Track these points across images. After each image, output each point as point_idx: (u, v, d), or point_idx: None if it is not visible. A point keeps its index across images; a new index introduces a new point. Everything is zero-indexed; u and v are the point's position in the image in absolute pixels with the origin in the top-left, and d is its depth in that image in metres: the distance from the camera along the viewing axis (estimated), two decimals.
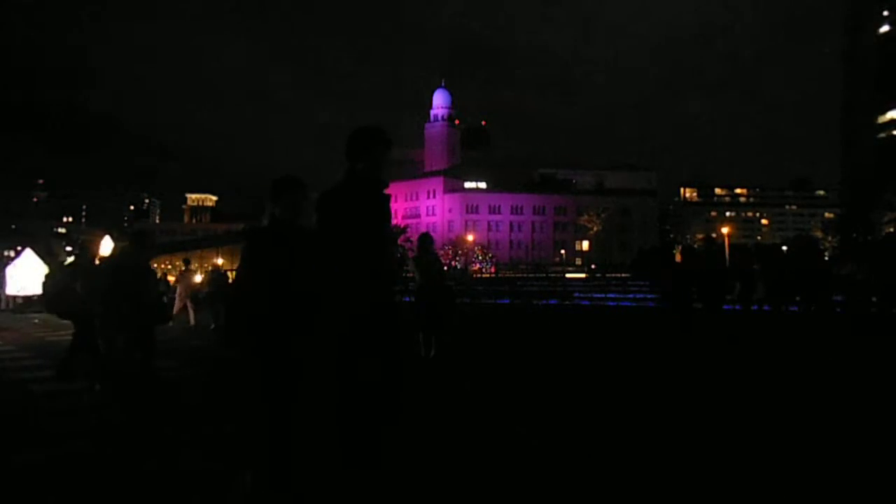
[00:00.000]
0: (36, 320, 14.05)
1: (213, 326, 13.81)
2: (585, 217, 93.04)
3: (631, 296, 25.36)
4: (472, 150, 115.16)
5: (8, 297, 22.97)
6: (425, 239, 8.42)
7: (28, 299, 21.69)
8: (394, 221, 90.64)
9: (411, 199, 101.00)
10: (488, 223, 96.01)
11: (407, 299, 9.36)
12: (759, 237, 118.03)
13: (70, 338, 7.09)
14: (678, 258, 12.01)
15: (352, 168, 3.27)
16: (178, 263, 18.78)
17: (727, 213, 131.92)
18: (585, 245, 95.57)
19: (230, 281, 14.83)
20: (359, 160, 3.25)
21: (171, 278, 23.33)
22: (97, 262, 7.34)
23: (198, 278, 18.66)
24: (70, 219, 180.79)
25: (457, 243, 79.35)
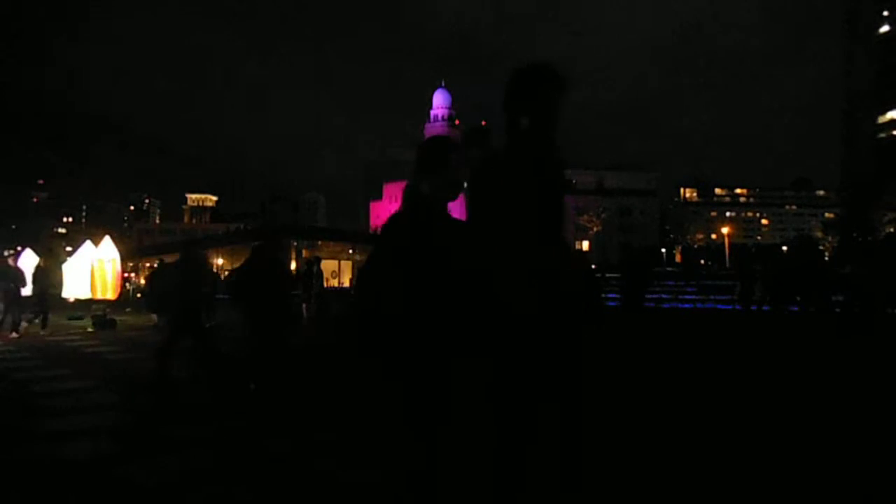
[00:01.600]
0: (36, 320, 14.02)
1: (208, 325, 13.97)
2: (585, 217, 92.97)
3: None
4: (472, 150, 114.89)
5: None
6: None
7: (28, 299, 21.62)
8: None
9: None
10: None
11: None
12: (759, 237, 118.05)
13: (71, 340, 7.08)
14: (678, 258, 12.09)
15: (513, 127, 2.33)
16: (149, 265, 18.95)
17: (727, 213, 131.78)
18: (585, 245, 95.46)
19: (222, 280, 14.91)
20: (522, 114, 2.30)
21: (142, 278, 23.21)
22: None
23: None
24: (70, 219, 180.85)
25: None
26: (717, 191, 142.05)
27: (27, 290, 13.72)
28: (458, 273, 2.26)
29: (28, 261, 23.54)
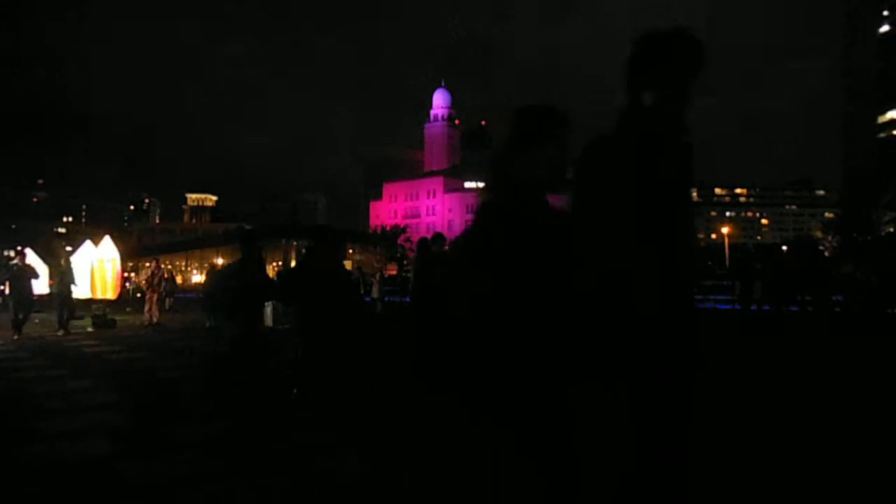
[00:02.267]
0: (36, 320, 14.03)
1: (207, 325, 14.22)
2: None
3: None
4: (472, 150, 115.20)
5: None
6: (422, 241, 8.50)
7: (38, 297, 21.54)
8: (393, 221, 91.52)
9: (411, 199, 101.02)
10: None
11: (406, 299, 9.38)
12: (759, 237, 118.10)
13: (71, 340, 7.03)
14: None
15: (635, 101, 1.92)
16: (149, 264, 18.94)
17: (727, 213, 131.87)
18: None
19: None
20: (646, 86, 1.89)
21: (141, 279, 23.10)
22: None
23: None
24: (70, 219, 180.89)
25: None
26: (717, 191, 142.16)
27: (43, 289, 13.66)
28: (565, 277, 1.81)
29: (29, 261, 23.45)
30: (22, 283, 12.18)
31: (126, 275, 30.73)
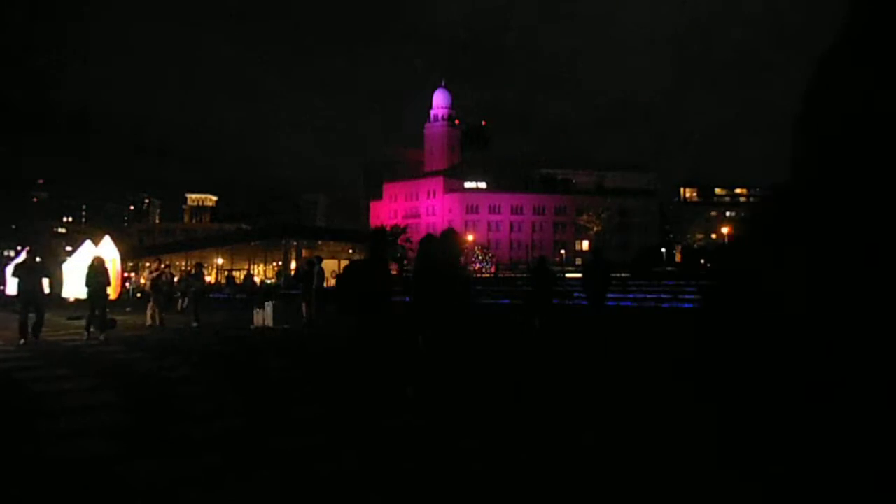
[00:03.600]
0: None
1: (194, 325, 14.19)
2: (585, 217, 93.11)
3: (630, 295, 25.39)
4: (472, 150, 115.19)
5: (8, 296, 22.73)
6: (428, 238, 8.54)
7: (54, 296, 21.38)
8: (393, 221, 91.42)
9: (411, 199, 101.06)
10: (488, 223, 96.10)
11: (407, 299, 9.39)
12: None
13: (71, 340, 7.02)
14: (678, 258, 12.14)
15: None
16: (151, 265, 18.94)
17: (727, 213, 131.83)
18: (585, 245, 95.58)
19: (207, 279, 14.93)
20: None
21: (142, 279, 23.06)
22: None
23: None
24: (70, 219, 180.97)
25: None
26: (717, 191, 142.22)
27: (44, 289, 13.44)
28: None
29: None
30: (33, 280, 11.16)
31: (126, 275, 30.73)
